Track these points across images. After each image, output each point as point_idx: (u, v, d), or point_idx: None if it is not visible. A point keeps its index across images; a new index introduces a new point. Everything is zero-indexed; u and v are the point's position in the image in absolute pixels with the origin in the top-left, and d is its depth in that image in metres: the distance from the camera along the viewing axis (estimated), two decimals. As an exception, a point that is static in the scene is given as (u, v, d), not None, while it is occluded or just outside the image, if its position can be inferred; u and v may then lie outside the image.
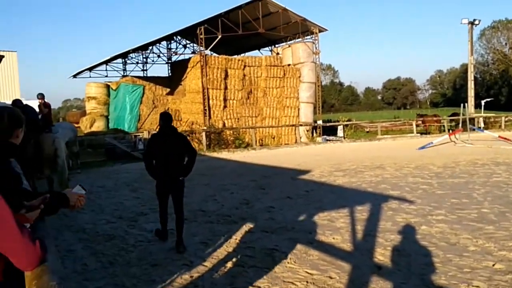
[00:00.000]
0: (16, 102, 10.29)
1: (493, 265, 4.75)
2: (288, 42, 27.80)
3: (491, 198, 8.18)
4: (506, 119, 31.92)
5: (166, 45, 31.70)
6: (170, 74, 31.55)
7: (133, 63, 32.30)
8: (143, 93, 26.59)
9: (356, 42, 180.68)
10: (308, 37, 26.80)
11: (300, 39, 26.81)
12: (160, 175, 5.98)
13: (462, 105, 21.80)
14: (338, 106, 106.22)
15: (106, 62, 29.44)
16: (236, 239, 6.13)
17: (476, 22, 32.48)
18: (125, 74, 31.36)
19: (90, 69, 29.64)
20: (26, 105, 10.25)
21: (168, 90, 28.48)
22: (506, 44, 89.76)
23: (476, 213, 7.07)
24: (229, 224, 6.99)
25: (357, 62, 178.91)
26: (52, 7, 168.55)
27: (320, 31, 26.26)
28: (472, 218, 6.75)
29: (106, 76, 30.76)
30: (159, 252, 5.66)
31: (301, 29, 26.00)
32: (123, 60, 31.34)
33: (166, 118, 6.03)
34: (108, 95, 27.35)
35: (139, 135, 19.83)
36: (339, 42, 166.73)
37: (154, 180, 6.19)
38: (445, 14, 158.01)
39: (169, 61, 32.40)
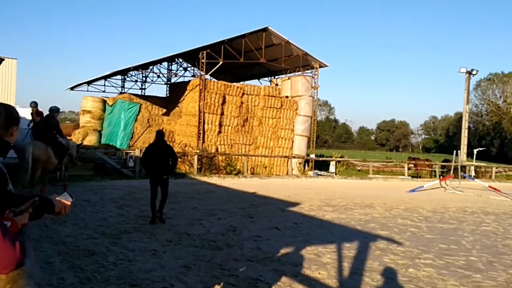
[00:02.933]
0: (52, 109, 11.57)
1: (480, 315, 4.64)
2: (288, 75, 28.08)
3: (479, 246, 8.11)
4: (497, 170, 32.18)
5: (166, 66, 31.91)
6: (168, 95, 31.68)
7: (132, 81, 32.50)
8: (139, 112, 26.58)
9: (354, 81, 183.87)
10: (308, 71, 27.10)
11: (300, 73, 27.10)
12: (152, 172, 8.74)
13: (454, 152, 21.97)
14: (331, 143, 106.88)
15: (105, 78, 29.53)
16: (220, 265, 5.97)
17: (474, 72, 33.13)
18: (123, 91, 31.46)
19: (88, 83, 29.68)
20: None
21: (164, 110, 28.52)
22: (500, 97, 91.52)
23: (464, 260, 6.99)
24: (214, 249, 6.83)
25: (354, 101, 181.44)
26: (52, 20, 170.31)
27: (320, 66, 26.60)
28: (460, 265, 6.66)
29: (104, 91, 30.88)
30: (139, 272, 5.49)
31: (302, 62, 26.33)
32: (123, 77, 31.48)
33: (160, 134, 8.94)
34: (104, 110, 27.32)
35: (130, 153, 19.66)
36: (338, 80, 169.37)
37: (140, 199, 9.50)
38: (443, 62, 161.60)
39: (168, 82, 32.61)
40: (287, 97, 25.75)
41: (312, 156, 26.40)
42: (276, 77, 30.54)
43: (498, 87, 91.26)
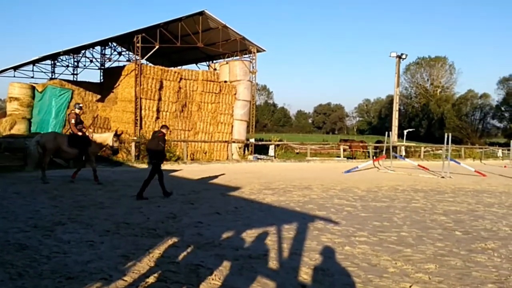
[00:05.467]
0: None
1: (410, 286, 4.93)
2: (226, 59, 27.94)
3: (409, 222, 8.60)
4: (425, 149, 34.12)
5: (100, 50, 30.70)
6: (102, 80, 30.49)
7: (63, 66, 30.90)
8: (71, 98, 25.33)
9: (292, 66, 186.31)
10: (246, 56, 27.12)
11: (238, 57, 27.06)
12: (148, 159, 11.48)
13: (386, 133, 22.99)
14: (270, 127, 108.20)
15: (34, 62, 27.90)
16: (160, 253, 5.91)
17: (403, 56, 34.68)
18: (53, 76, 29.92)
19: (15, 68, 27.89)
20: None
21: (99, 96, 27.42)
22: (428, 79, 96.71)
23: (396, 236, 7.38)
24: (153, 237, 6.74)
25: (291, 85, 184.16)
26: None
27: (258, 51, 26.67)
28: (392, 241, 7.03)
29: (32, 77, 29.15)
30: (75, 265, 5.30)
31: (240, 47, 26.27)
32: (52, 62, 29.90)
33: (167, 127, 11.09)
34: (33, 97, 25.81)
35: (63, 141, 18.73)
36: (276, 64, 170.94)
37: (75, 189, 10.58)
38: (376, 46, 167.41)
39: (102, 67, 31.34)
40: (225, 81, 25.67)
41: (252, 140, 26.63)
42: (214, 61, 30.32)
43: (426, 70, 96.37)
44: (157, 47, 23.14)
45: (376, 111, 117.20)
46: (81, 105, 13.75)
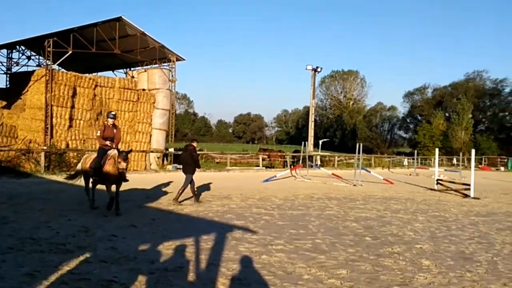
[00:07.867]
0: None
1: (323, 292, 5.11)
2: (145, 67, 27.37)
3: (324, 229, 8.93)
4: (339, 158, 35.69)
5: (6, 54, 28.65)
6: (8, 86, 28.43)
7: (-38, 69, 28.43)
8: (-28, 104, 23.41)
9: (212, 75, 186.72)
10: (165, 64, 26.76)
11: (157, 65, 26.61)
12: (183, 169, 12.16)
13: (303, 143, 23.76)
14: (191, 136, 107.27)
15: None
16: (70, 270, 5.59)
17: (319, 69, 36.18)
18: (-50, 80, 27.45)
19: None
20: None
21: (5, 103, 25.52)
22: (341, 92, 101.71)
23: (311, 243, 7.62)
24: (63, 253, 6.36)
25: (212, 95, 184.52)
26: None
27: (177, 59, 26.44)
28: (307, 248, 7.25)
29: None
30: (-28, 287, 4.86)
31: (159, 55, 25.88)
32: (-51, 64, 27.40)
33: (196, 140, 13.22)
34: None
35: (-39, 151, 17.21)
36: (196, 74, 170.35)
37: None
38: (293, 59, 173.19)
39: (9, 72, 29.25)
40: (143, 90, 25.10)
41: (171, 150, 26.23)
42: (132, 69, 29.60)
43: (340, 83, 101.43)
44: (70, 52, 22.11)
45: (294, 122, 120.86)
46: (113, 113, 11.31)
